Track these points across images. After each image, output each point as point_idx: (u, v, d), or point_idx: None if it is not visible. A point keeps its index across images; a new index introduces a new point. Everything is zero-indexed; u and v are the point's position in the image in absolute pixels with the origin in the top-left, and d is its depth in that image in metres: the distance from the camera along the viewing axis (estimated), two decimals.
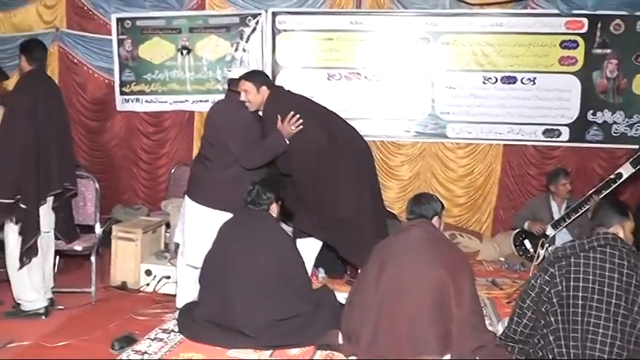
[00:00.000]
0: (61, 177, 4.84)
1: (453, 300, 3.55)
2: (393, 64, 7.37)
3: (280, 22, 7.44)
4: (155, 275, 5.56)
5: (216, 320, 4.09)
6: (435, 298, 3.54)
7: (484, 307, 4.66)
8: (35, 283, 4.80)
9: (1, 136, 4.66)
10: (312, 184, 4.83)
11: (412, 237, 3.85)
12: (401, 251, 3.78)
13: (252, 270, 4.07)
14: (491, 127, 7.26)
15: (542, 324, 3.35)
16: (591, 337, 3.13)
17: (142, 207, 7.62)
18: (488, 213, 7.58)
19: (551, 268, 3.34)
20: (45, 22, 7.98)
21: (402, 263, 3.70)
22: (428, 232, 3.88)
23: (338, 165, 4.81)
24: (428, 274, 3.58)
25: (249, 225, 4.30)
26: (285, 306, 4.09)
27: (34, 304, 4.81)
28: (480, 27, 7.18)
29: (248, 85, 4.75)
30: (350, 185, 4.84)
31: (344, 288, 5.16)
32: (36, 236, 4.70)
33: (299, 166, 4.80)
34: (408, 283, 3.59)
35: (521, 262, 6.48)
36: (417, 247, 3.76)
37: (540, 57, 7.11)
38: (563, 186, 6.43)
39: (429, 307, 3.53)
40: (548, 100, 7.14)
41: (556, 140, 7.22)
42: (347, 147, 4.94)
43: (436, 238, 3.89)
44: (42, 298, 4.85)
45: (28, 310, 4.81)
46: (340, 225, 4.84)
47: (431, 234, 3.88)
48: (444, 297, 3.54)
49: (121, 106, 7.94)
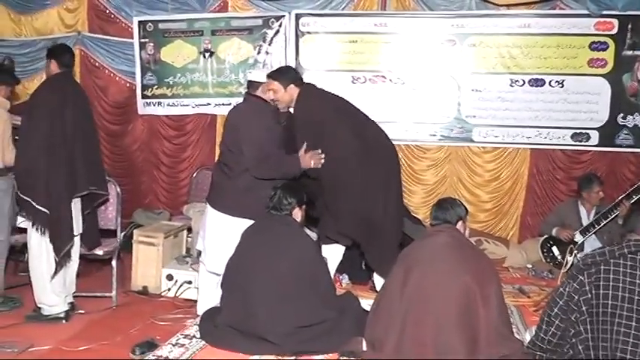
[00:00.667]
0: (87, 179, 4.90)
1: (480, 307, 3.53)
2: (418, 66, 7.37)
3: (304, 25, 7.47)
4: (176, 280, 5.61)
5: (239, 326, 4.10)
6: (462, 305, 3.52)
7: (511, 315, 4.63)
8: (56, 287, 4.86)
9: (25, 136, 4.73)
10: (342, 186, 4.78)
11: (437, 243, 3.84)
12: (426, 257, 3.77)
13: (275, 275, 4.08)
14: (519, 130, 7.23)
15: (572, 333, 3.32)
16: (621, 346, 3.10)
17: (163, 211, 7.67)
18: (516, 219, 7.54)
19: (580, 276, 3.32)
20: (66, 26, 8.07)
21: (427, 269, 3.69)
22: (453, 237, 3.87)
23: (368, 167, 4.80)
24: (454, 281, 3.57)
25: (271, 230, 4.32)
26: (308, 312, 4.09)
27: (55, 308, 4.88)
28: (507, 28, 7.15)
29: (275, 85, 4.76)
30: (379, 186, 4.84)
31: (368, 294, 5.17)
32: (71, 242, 4.78)
33: (330, 170, 4.75)
34: (433, 290, 3.58)
35: (548, 270, 6.44)
36: (443, 253, 3.75)
37: (569, 59, 7.08)
38: (597, 194, 6.38)
39: (456, 314, 3.51)
40: (577, 104, 7.10)
41: (585, 144, 7.18)
42: (376, 147, 4.93)
43: (462, 243, 3.87)
44: (62, 303, 4.91)
45: (48, 314, 4.87)
46: (366, 225, 4.84)
47: (456, 239, 3.87)
48: (471, 303, 3.53)
49: (142, 110, 8.00)
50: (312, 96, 4.91)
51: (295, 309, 4.05)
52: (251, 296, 4.11)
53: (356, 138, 4.80)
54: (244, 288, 4.15)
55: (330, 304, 4.23)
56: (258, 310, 4.06)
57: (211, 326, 4.28)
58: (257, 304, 4.08)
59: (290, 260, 4.14)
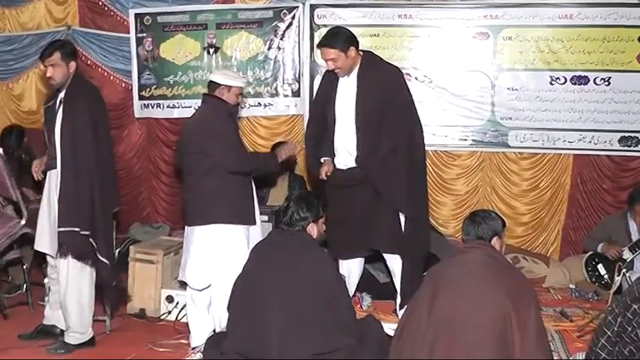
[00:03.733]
0: (117, 195, 5.14)
1: (516, 333, 3.51)
2: (447, 63, 7.39)
3: (319, 17, 7.49)
4: (177, 302, 5.62)
5: (248, 354, 4.08)
6: (496, 331, 3.50)
7: (552, 342, 4.63)
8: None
9: (74, 156, 4.78)
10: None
11: (468, 261, 3.82)
12: (456, 277, 3.75)
13: (289, 298, 4.06)
14: (560, 134, 7.22)
15: None
16: None
17: (162, 225, 7.70)
18: (557, 233, 7.54)
19: (635, 305, 3.28)
20: (55, 20, 8.15)
21: (457, 291, 3.67)
22: (487, 255, 3.84)
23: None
24: (487, 304, 3.56)
25: (284, 247, 4.30)
26: (325, 338, 4.06)
27: (88, 333, 5.03)
28: (546, 19, 7.15)
29: (333, 53, 4.98)
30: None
31: (392, 318, 5.18)
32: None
33: (417, 145, 5.14)
34: (464, 314, 3.57)
35: (594, 290, 6.43)
36: (475, 273, 3.73)
37: (616, 53, 7.08)
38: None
39: (489, 342, 3.49)
40: (626, 104, 7.10)
41: (634, 149, 7.16)
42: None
43: (496, 261, 3.85)
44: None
45: (78, 342, 4.98)
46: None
47: (490, 257, 3.84)
48: (506, 330, 3.51)
49: (139, 113, 8.06)
50: (383, 62, 5.26)
51: (311, 335, 4.02)
52: (262, 320, 4.09)
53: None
54: (255, 311, 4.14)
55: (349, 330, 4.21)
56: (271, 335, 4.02)
57: (217, 353, 4.26)
58: (269, 329, 4.04)
59: (306, 281, 4.12)
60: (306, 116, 7.45)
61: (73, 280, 4.83)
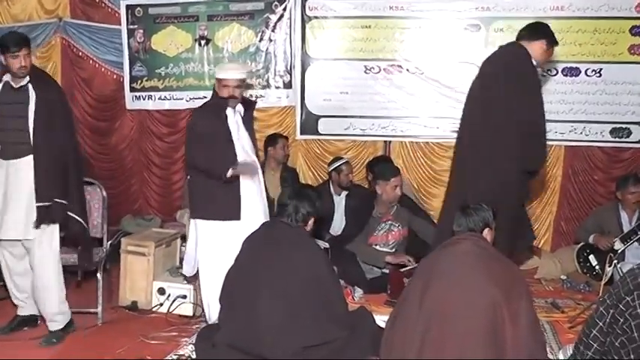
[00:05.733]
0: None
1: (508, 324, 3.51)
2: (438, 54, 7.38)
3: (311, 8, 7.48)
4: (169, 294, 5.59)
5: (240, 345, 4.08)
6: (488, 322, 3.50)
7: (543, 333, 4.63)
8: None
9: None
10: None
11: (459, 252, 3.81)
12: (447, 268, 3.75)
13: (282, 289, 4.06)
14: (551, 125, 7.12)
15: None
16: None
17: (154, 217, 7.70)
18: (548, 225, 7.55)
19: (627, 297, 3.27)
20: (46, 11, 8.09)
21: (448, 282, 3.67)
22: (478, 246, 3.84)
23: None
24: (478, 294, 3.55)
25: (278, 240, 4.30)
26: (318, 330, 4.07)
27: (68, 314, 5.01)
28: (538, 11, 7.10)
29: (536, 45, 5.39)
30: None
31: (384, 309, 5.17)
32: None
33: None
34: (455, 305, 3.56)
35: (585, 281, 6.42)
36: (465, 264, 3.73)
37: (607, 45, 7.07)
38: (632, 194, 6.37)
39: (481, 332, 3.48)
40: (617, 95, 7.10)
41: (626, 141, 7.16)
42: None
43: (487, 253, 3.85)
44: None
45: (64, 326, 4.95)
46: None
47: (481, 248, 3.84)
48: (498, 320, 3.50)
49: (131, 104, 8.03)
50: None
51: (303, 327, 4.03)
52: (255, 312, 4.08)
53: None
54: (247, 302, 4.14)
55: (341, 322, 4.22)
56: (263, 327, 4.03)
57: (209, 345, 4.26)
58: (262, 320, 4.05)
59: (299, 274, 4.12)
60: (298, 108, 7.45)
61: (47, 259, 4.80)
